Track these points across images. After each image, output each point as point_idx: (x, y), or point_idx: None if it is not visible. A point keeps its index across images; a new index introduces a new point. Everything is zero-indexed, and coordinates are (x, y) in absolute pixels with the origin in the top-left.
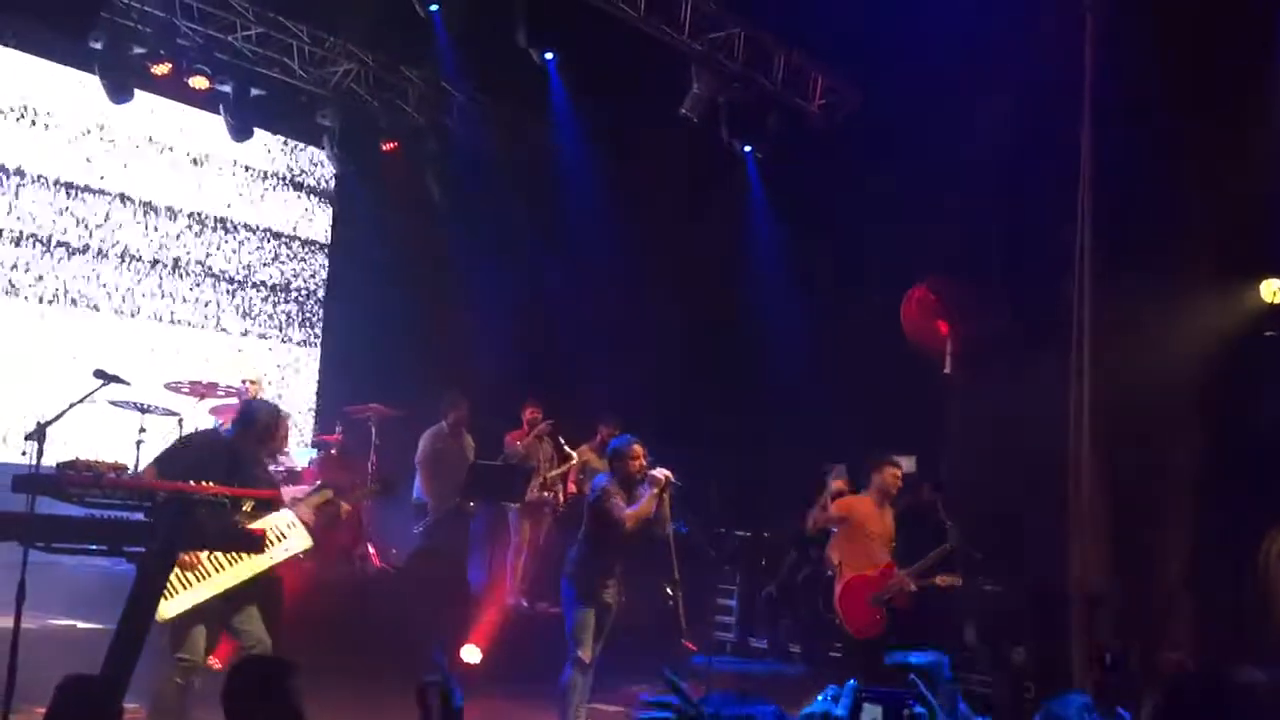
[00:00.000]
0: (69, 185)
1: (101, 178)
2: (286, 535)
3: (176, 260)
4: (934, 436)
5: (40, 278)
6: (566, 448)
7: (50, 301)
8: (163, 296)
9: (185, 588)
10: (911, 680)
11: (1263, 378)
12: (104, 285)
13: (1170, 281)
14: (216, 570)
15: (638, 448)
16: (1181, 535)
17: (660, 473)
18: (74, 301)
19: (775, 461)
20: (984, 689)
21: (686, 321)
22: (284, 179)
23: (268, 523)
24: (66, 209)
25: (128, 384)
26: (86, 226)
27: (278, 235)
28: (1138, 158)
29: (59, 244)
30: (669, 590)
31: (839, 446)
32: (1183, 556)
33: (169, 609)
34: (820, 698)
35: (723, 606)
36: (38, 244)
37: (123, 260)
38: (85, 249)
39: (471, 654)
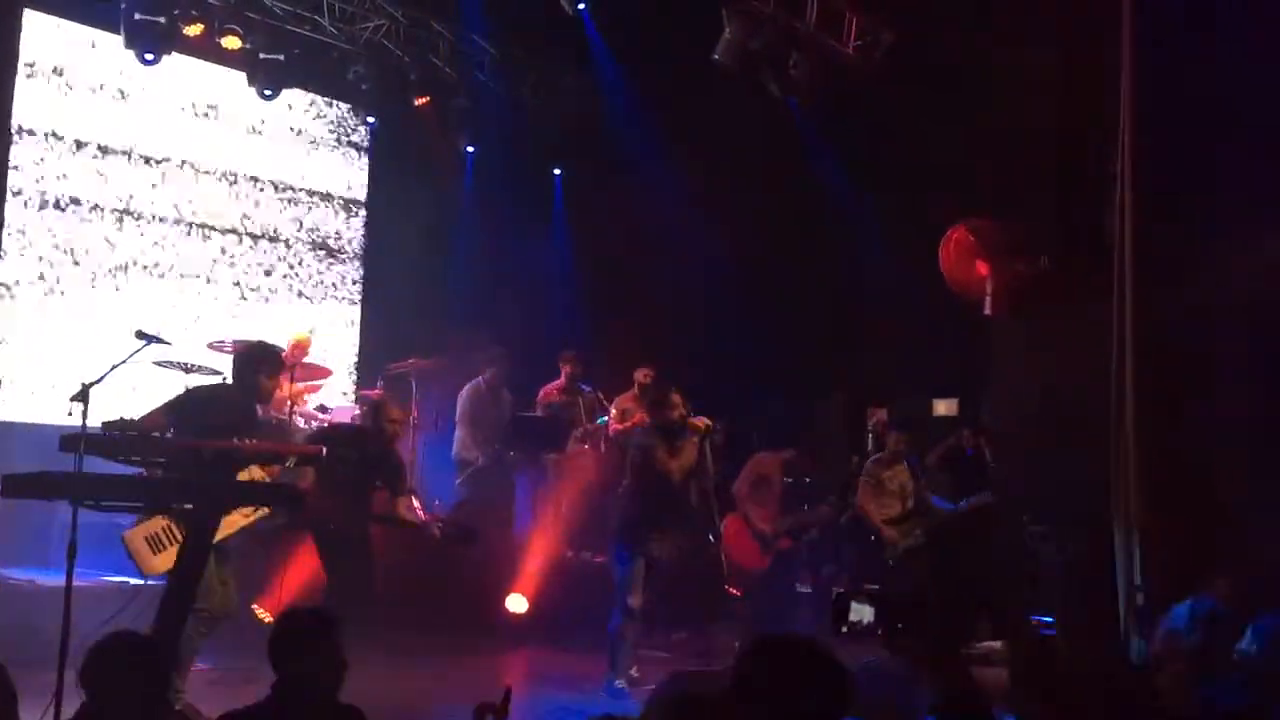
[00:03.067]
0: (102, 148)
1: (134, 140)
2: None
3: (213, 221)
4: (976, 379)
5: (79, 242)
6: (603, 398)
7: (92, 265)
8: (202, 258)
9: (173, 542)
10: None
11: None
12: (140, 246)
13: (1221, 217)
14: None
15: (676, 396)
16: (1230, 474)
17: (700, 420)
18: (117, 266)
19: (817, 407)
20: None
21: (727, 268)
22: (317, 136)
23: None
24: (100, 172)
25: (169, 344)
26: (121, 189)
27: (312, 193)
28: (1181, 92)
29: (95, 207)
30: (710, 538)
31: (880, 390)
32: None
33: (159, 564)
34: None
35: None
36: (76, 207)
37: (159, 221)
38: (122, 212)
39: (518, 603)
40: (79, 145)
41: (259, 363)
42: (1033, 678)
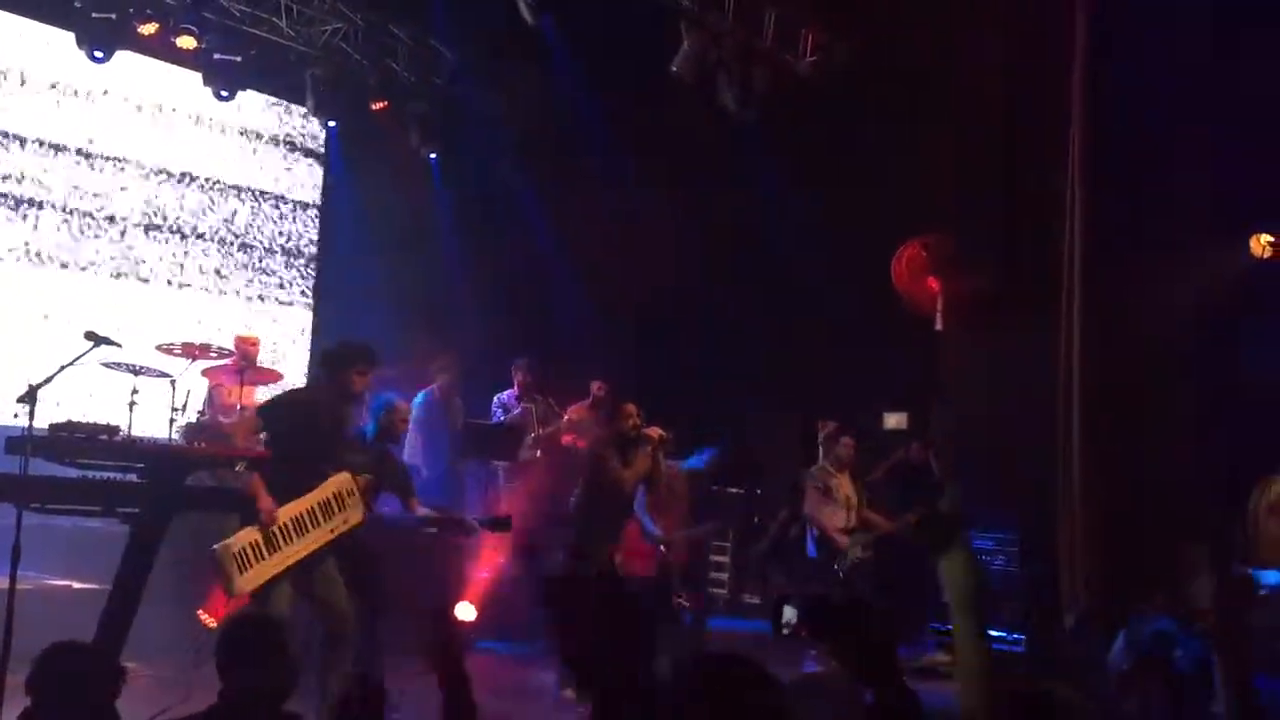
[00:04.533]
0: (54, 145)
1: (89, 139)
2: (345, 506)
3: (165, 221)
4: (924, 393)
5: (28, 241)
6: (556, 407)
7: (40, 264)
8: (152, 258)
9: (259, 560)
10: None
11: (1251, 330)
12: (95, 248)
13: (1162, 234)
14: (287, 541)
15: (630, 407)
16: (1174, 489)
17: (654, 431)
18: (64, 265)
19: (766, 420)
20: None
21: (677, 281)
22: (273, 139)
23: (329, 489)
24: (51, 170)
25: (119, 346)
26: (75, 188)
27: (267, 195)
28: (1127, 108)
29: (46, 205)
30: (662, 548)
31: (830, 404)
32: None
33: (245, 583)
34: None
35: (716, 564)
36: (26, 206)
37: (111, 222)
38: (73, 211)
39: (466, 612)
40: (29, 143)
41: (350, 359)
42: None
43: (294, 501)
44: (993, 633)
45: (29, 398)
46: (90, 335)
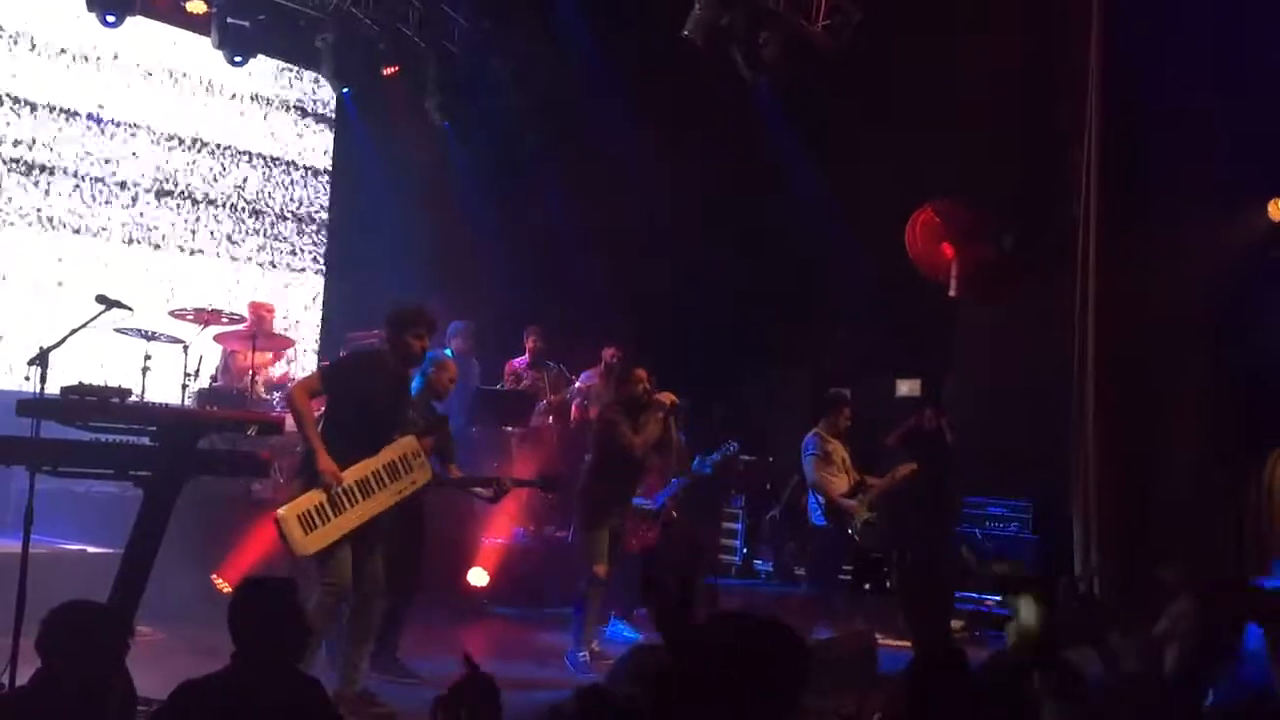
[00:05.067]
0: (65, 111)
1: (100, 105)
2: (412, 468)
3: (177, 187)
4: (938, 360)
5: (39, 207)
6: (568, 373)
7: (52, 230)
8: (164, 224)
9: (324, 521)
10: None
11: (1269, 298)
12: (107, 214)
13: (1178, 202)
14: (352, 502)
15: (641, 372)
16: (1186, 458)
17: (665, 396)
18: (76, 230)
19: (780, 385)
20: None
21: (691, 244)
22: (284, 104)
23: (395, 452)
24: (63, 136)
25: (130, 310)
26: (87, 154)
27: (278, 161)
28: (1145, 74)
29: (58, 170)
30: (674, 513)
31: (843, 369)
32: (1186, 479)
33: (310, 543)
34: None
35: (728, 530)
36: (38, 172)
37: (123, 187)
38: (85, 176)
39: (479, 577)
40: (40, 109)
41: (407, 322)
42: None
43: (359, 464)
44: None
45: (40, 360)
46: (101, 299)
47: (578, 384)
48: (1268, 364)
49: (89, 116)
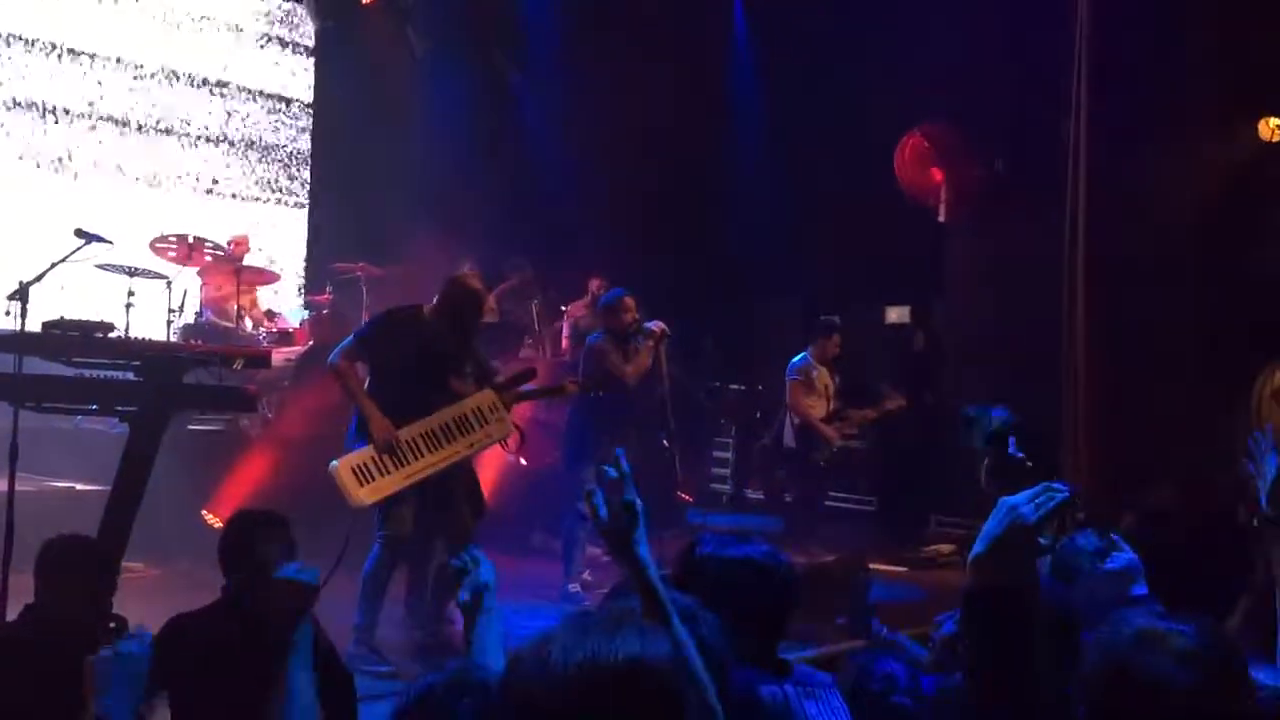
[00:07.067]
0: (47, 45)
1: (78, 38)
2: (488, 420)
3: (158, 120)
4: (928, 286)
5: (22, 140)
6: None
7: (32, 167)
8: (146, 159)
9: (382, 473)
10: None
11: (1260, 218)
12: (86, 147)
13: (1169, 121)
14: (415, 456)
15: (629, 300)
16: (1180, 383)
17: (655, 325)
18: (56, 162)
19: (769, 314)
20: None
21: (676, 172)
22: (264, 36)
23: (470, 405)
24: (34, 67)
25: (110, 243)
26: (67, 87)
27: (259, 94)
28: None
29: (35, 105)
30: (665, 442)
31: (832, 298)
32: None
33: (365, 495)
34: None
35: (719, 459)
36: (16, 107)
37: (105, 120)
38: (65, 111)
39: None
40: (11, 41)
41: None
42: None
43: (426, 418)
44: None
45: (20, 295)
46: (80, 232)
47: (565, 311)
48: (1265, 285)
49: (69, 50)
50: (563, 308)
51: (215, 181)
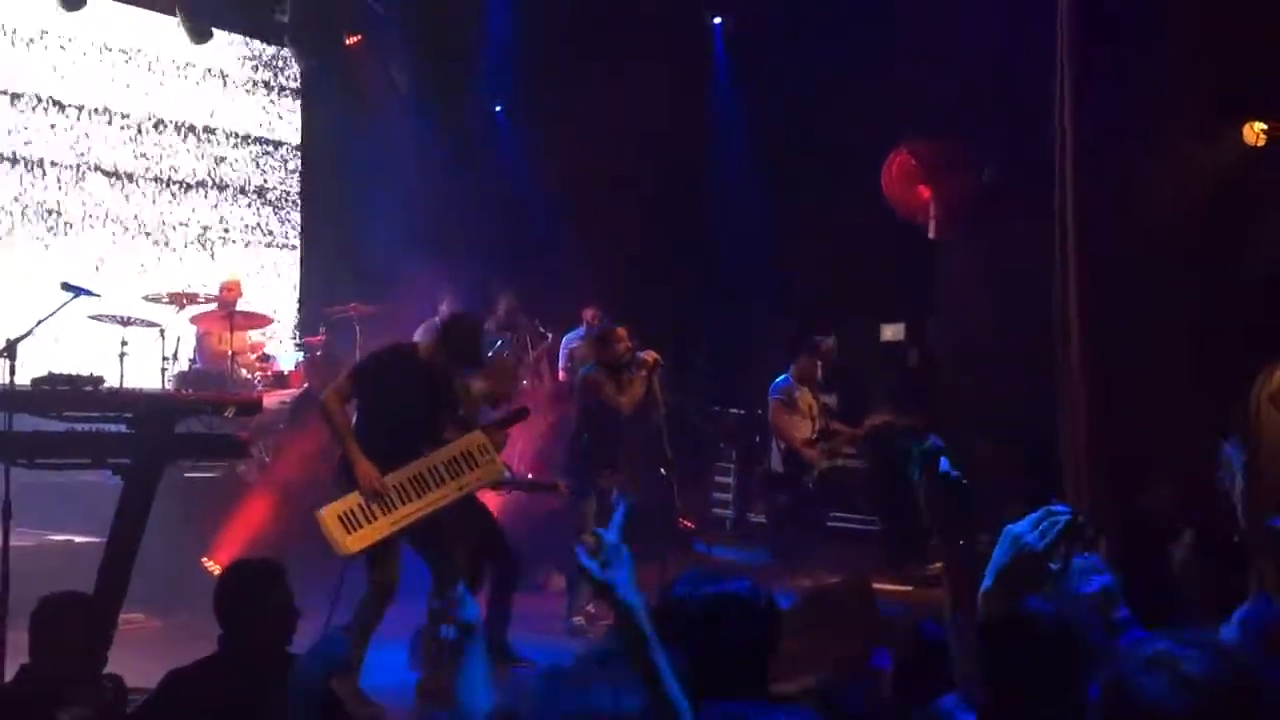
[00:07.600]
0: (32, 97)
1: (61, 88)
2: (478, 462)
3: (145, 168)
4: (923, 302)
5: (9, 195)
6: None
7: (20, 219)
8: (135, 208)
9: (369, 520)
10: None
11: (1250, 221)
12: (76, 200)
13: (1154, 127)
14: (403, 501)
15: (620, 331)
16: (1174, 385)
17: (648, 354)
18: (45, 214)
19: (765, 336)
20: None
21: (666, 196)
22: (251, 81)
23: (458, 447)
24: (21, 122)
25: (96, 295)
26: (53, 138)
27: (246, 137)
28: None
29: (20, 159)
30: (663, 471)
31: (828, 317)
32: (1175, 407)
33: (352, 544)
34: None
35: (720, 484)
36: (4, 161)
37: (93, 171)
38: (52, 163)
39: None
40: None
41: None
42: None
43: (413, 462)
44: None
45: (8, 351)
46: (66, 285)
47: (563, 344)
48: (1255, 288)
49: (52, 101)
50: (548, 335)
51: (206, 228)
